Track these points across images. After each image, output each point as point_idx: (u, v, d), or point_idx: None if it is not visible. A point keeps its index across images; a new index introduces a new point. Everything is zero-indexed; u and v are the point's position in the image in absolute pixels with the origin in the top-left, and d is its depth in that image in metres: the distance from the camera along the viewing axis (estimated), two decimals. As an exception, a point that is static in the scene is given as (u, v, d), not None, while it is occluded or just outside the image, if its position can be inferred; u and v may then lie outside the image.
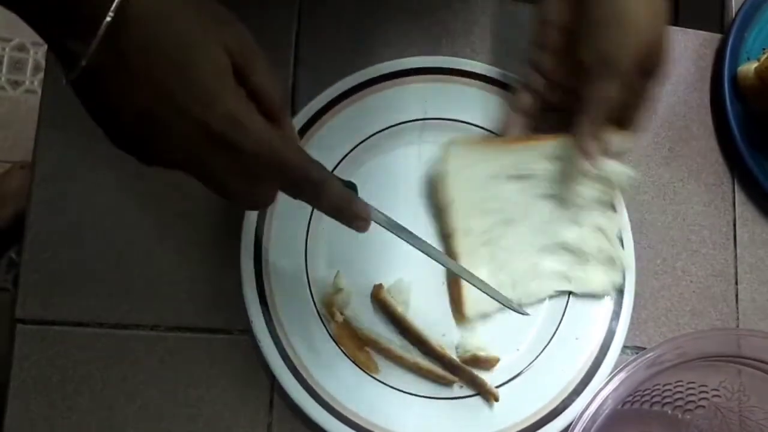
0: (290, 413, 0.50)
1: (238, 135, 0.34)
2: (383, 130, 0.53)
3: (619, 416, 0.48)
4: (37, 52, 1.32)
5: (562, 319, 0.53)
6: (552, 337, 0.53)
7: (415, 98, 0.54)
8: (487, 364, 0.51)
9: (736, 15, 0.61)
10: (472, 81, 0.55)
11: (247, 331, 0.50)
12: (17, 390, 0.47)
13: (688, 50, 0.62)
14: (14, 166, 1.17)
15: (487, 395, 0.50)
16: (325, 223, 0.52)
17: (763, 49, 0.61)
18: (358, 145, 0.53)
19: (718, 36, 0.63)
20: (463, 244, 0.51)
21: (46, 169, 0.50)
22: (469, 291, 0.51)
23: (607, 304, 0.53)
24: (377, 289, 0.51)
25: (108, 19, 0.30)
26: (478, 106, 0.55)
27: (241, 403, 0.50)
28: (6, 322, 0.49)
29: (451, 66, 0.55)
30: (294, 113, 0.52)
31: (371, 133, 0.53)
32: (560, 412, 0.50)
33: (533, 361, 0.52)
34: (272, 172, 0.37)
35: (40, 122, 0.51)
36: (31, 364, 0.48)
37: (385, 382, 0.50)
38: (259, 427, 0.50)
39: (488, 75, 0.55)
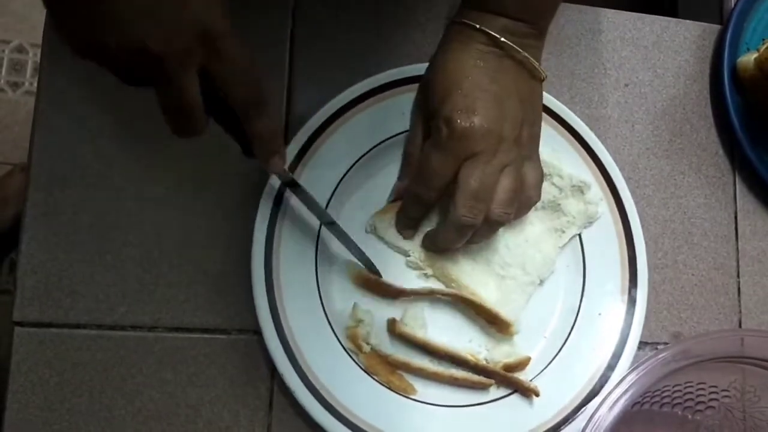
0: (290, 413, 0.50)
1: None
2: (369, 151, 0.52)
3: (629, 418, 0.47)
4: (36, 54, 1.31)
5: (582, 297, 0.53)
6: (576, 317, 0.53)
7: (393, 113, 0.53)
8: (519, 367, 0.51)
9: (735, 6, 0.61)
10: None
11: (246, 330, 0.50)
12: (16, 393, 0.47)
13: (687, 42, 0.62)
14: (15, 168, 1.17)
15: (526, 392, 0.50)
16: (334, 265, 0.51)
17: (763, 39, 0.61)
18: (345, 175, 0.51)
19: (717, 27, 0.62)
20: (455, 272, 0.51)
21: (42, 172, 0.50)
22: (499, 306, 0.51)
23: (624, 274, 0.53)
24: (392, 324, 0.50)
25: None
26: None
27: (241, 403, 0.49)
28: (9, 324, 0.48)
29: (419, 74, 0.52)
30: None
31: (358, 157, 0.52)
32: (598, 391, 0.51)
33: (562, 345, 0.52)
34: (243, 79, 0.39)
35: (35, 125, 0.51)
36: (29, 366, 0.48)
37: (424, 401, 0.50)
38: (258, 428, 0.49)
39: None
